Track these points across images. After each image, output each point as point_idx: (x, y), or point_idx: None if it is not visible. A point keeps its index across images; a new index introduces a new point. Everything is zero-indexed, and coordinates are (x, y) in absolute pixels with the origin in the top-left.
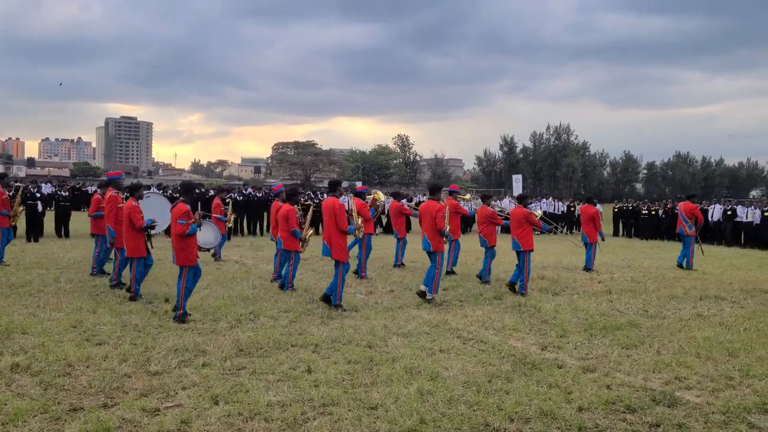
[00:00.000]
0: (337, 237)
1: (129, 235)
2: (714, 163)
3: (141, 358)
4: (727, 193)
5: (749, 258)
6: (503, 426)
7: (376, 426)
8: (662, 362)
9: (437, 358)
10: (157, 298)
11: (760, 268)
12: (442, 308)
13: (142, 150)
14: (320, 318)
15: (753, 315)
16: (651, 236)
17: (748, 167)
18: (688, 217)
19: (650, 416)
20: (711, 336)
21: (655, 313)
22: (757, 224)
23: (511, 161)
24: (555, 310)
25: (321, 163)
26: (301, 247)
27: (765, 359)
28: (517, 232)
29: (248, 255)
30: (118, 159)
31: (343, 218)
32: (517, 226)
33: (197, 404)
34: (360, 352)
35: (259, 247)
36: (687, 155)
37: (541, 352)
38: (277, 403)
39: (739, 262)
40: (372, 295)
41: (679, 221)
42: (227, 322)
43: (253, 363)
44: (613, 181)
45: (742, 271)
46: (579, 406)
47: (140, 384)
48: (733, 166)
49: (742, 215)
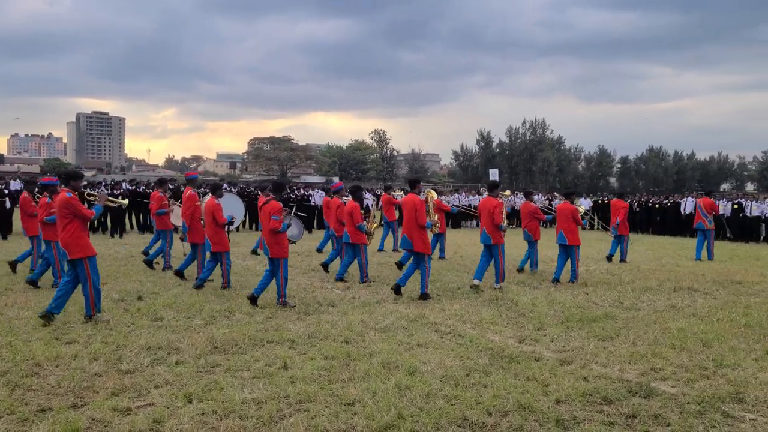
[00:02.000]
0: (417, 231)
1: (213, 231)
2: (686, 157)
3: (112, 357)
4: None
5: (721, 250)
6: (481, 420)
7: (353, 422)
8: (638, 353)
9: (415, 352)
10: (130, 295)
11: (731, 259)
12: (420, 302)
13: (114, 145)
14: (297, 314)
15: (725, 306)
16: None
17: (719, 161)
18: (708, 212)
19: (627, 407)
20: (685, 327)
21: (630, 305)
22: (728, 217)
23: (488, 156)
24: (532, 303)
25: (298, 159)
26: (367, 239)
27: (738, 349)
28: (564, 226)
29: None
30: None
31: (422, 214)
32: (564, 221)
33: (170, 403)
34: (337, 348)
35: (234, 243)
36: (660, 149)
37: (518, 345)
38: (253, 400)
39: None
40: (349, 290)
41: (698, 216)
42: (202, 319)
43: (227, 360)
44: (588, 175)
45: (714, 263)
46: (556, 399)
47: (111, 383)
48: (704, 160)
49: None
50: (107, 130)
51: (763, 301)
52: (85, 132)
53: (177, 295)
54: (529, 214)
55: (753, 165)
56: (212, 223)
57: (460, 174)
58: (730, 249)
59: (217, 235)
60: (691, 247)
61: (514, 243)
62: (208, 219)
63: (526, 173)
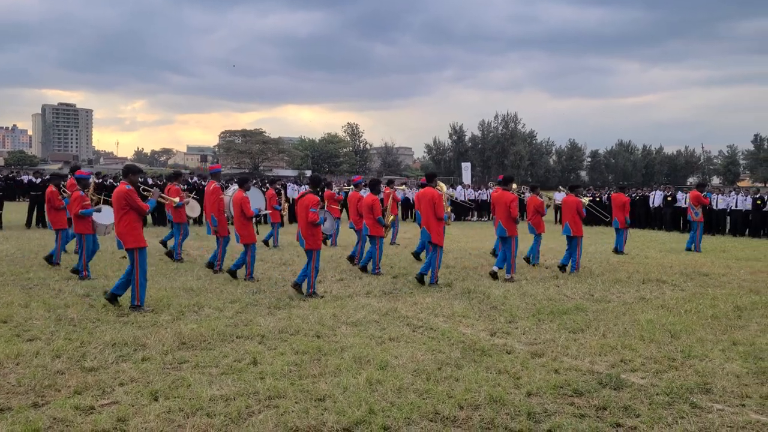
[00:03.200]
0: (435, 223)
1: (241, 223)
2: (654, 151)
3: (76, 354)
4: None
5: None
6: (453, 414)
7: (324, 418)
8: (608, 345)
9: (387, 346)
10: (96, 290)
11: (698, 252)
12: (392, 296)
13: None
14: (267, 308)
15: (693, 297)
16: (595, 222)
17: (685, 155)
18: (694, 204)
19: (597, 399)
20: (654, 319)
21: (600, 297)
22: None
23: (461, 149)
24: (504, 296)
25: (270, 152)
26: (384, 232)
27: (705, 340)
28: (569, 218)
29: (193, 245)
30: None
31: (440, 206)
32: (568, 213)
33: (135, 401)
34: (308, 343)
35: (203, 237)
36: (629, 144)
37: (490, 338)
38: (221, 397)
39: (679, 247)
40: (321, 284)
41: (688, 209)
42: (169, 315)
43: (195, 356)
44: (559, 168)
45: (681, 255)
46: (528, 391)
47: (74, 381)
48: (671, 154)
49: (681, 201)
50: (74, 123)
51: (729, 293)
52: (51, 124)
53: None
54: (534, 208)
55: (718, 159)
56: (240, 216)
57: (433, 167)
58: None
59: (245, 227)
60: (658, 240)
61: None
62: (236, 212)
63: (498, 167)
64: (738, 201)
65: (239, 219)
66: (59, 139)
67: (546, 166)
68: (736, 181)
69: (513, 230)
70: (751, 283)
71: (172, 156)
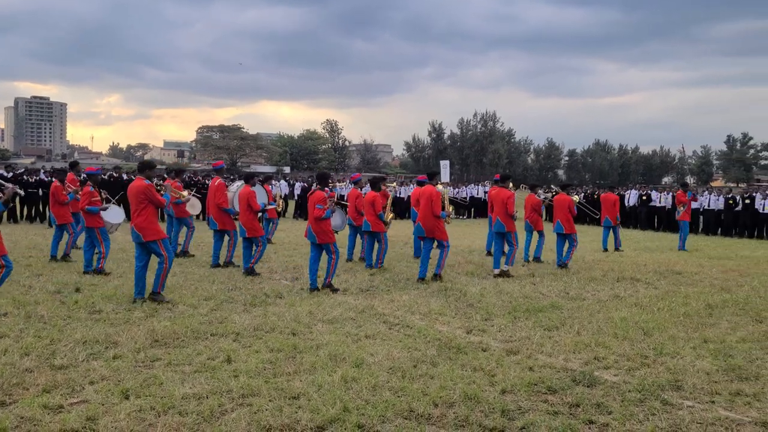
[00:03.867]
0: (433, 219)
1: (247, 218)
2: (630, 151)
3: (45, 352)
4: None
5: (662, 241)
6: (427, 411)
7: (298, 416)
8: (582, 343)
9: (363, 344)
10: (67, 287)
11: (672, 250)
12: (369, 293)
13: (55, 132)
14: (243, 306)
15: (665, 295)
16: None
17: (661, 155)
18: (677, 204)
19: (571, 396)
20: (627, 316)
21: (575, 295)
22: (669, 209)
23: (439, 147)
24: (480, 293)
25: (248, 148)
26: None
27: (677, 338)
28: (561, 216)
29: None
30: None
31: (438, 204)
32: (561, 212)
33: (105, 399)
34: (283, 340)
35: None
36: (605, 143)
37: (466, 336)
38: (193, 395)
39: (653, 245)
40: (298, 281)
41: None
42: (142, 312)
43: (168, 354)
44: (537, 167)
45: (655, 254)
46: (502, 389)
47: (43, 379)
48: (647, 154)
49: (656, 200)
50: (48, 116)
51: (701, 291)
52: (24, 117)
53: (118, 286)
54: (533, 207)
55: (693, 159)
56: (247, 210)
57: (412, 165)
58: (671, 240)
59: (251, 221)
60: (633, 238)
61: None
62: (243, 206)
63: (476, 165)
64: (711, 201)
65: (245, 213)
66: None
67: (524, 165)
68: (710, 181)
69: (511, 226)
70: (722, 282)
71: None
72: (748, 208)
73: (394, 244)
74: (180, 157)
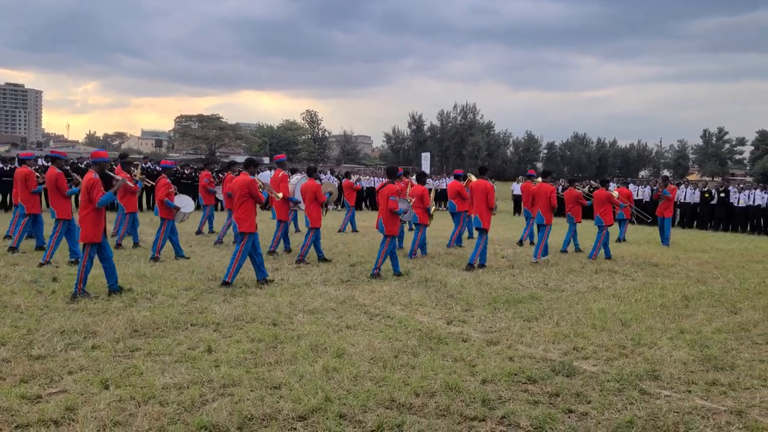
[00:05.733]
0: (487, 212)
1: (312, 208)
2: (608, 144)
3: (22, 342)
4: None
5: (639, 233)
6: (409, 401)
7: (279, 405)
8: (561, 333)
9: (344, 334)
10: (44, 276)
11: (648, 242)
12: (350, 284)
13: (30, 120)
14: (223, 296)
15: (643, 287)
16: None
17: (638, 148)
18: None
19: (550, 386)
20: (605, 307)
21: (554, 286)
22: (646, 201)
23: (419, 139)
24: (461, 284)
25: (227, 138)
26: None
27: (654, 328)
28: (601, 210)
29: (147, 231)
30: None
31: (492, 197)
32: (600, 206)
33: (84, 389)
34: (264, 330)
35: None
36: (584, 136)
37: (446, 327)
38: (174, 385)
39: (630, 237)
40: (278, 271)
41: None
42: (121, 302)
43: (148, 344)
44: (516, 159)
45: (633, 246)
46: (483, 379)
47: (20, 369)
48: (624, 147)
49: (633, 193)
50: (22, 104)
51: (677, 283)
52: None
53: (96, 276)
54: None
55: (669, 153)
56: (313, 201)
57: (392, 157)
58: (647, 233)
59: (315, 211)
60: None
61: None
62: (309, 197)
63: (456, 157)
64: (687, 194)
65: (311, 204)
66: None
67: (503, 157)
68: (686, 174)
69: (550, 219)
70: (698, 274)
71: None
72: (723, 202)
73: (373, 235)
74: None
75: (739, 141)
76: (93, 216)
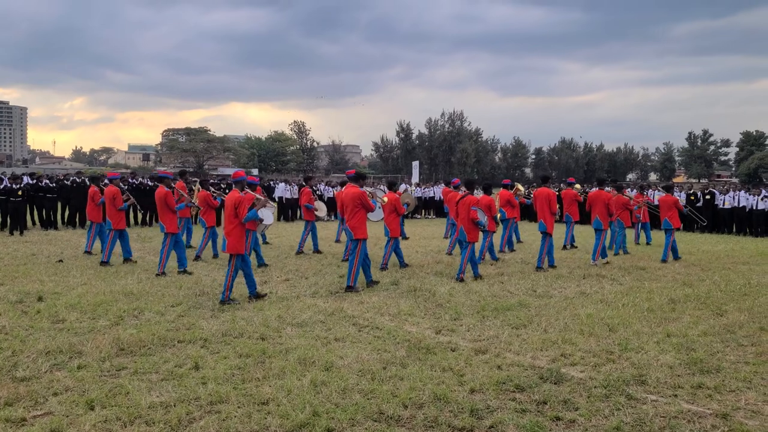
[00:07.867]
0: (550, 217)
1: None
2: (595, 148)
3: (7, 364)
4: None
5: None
6: (397, 413)
7: (267, 422)
8: (549, 340)
9: (332, 347)
10: (29, 296)
11: (638, 245)
12: (338, 296)
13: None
14: (210, 311)
15: (630, 291)
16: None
17: (625, 152)
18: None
19: (538, 394)
20: (593, 313)
21: (542, 292)
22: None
23: (408, 147)
24: (449, 293)
25: (215, 150)
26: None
27: (641, 333)
28: (669, 214)
29: (135, 246)
30: None
31: (554, 203)
32: (667, 210)
33: (70, 411)
34: (252, 345)
35: (146, 238)
36: (571, 141)
37: (435, 336)
38: (160, 404)
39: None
40: (267, 284)
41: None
42: (108, 320)
43: (134, 362)
44: (504, 165)
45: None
46: (471, 388)
47: (5, 392)
48: (612, 151)
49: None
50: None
51: (664, 286)
52: None
53: (81, 295)
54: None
55: (655, 156)
56: (393, 212)
57: (381, 165)
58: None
59: (394, 222)
60: None
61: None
62: (389, 209)
63: (445, 164)
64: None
65: (390, 215)
66: None
67: (492, 164)
68: (672, 177)
69: (607, 224)
70: (684, 277)
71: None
72: (709, 204)
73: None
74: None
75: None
76: (239, 230)
